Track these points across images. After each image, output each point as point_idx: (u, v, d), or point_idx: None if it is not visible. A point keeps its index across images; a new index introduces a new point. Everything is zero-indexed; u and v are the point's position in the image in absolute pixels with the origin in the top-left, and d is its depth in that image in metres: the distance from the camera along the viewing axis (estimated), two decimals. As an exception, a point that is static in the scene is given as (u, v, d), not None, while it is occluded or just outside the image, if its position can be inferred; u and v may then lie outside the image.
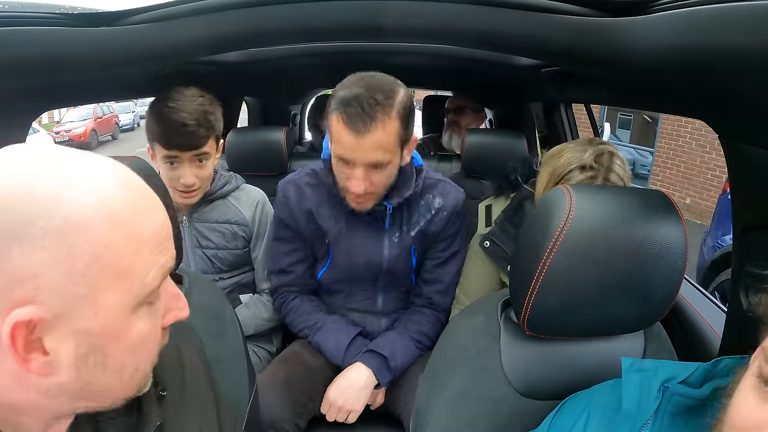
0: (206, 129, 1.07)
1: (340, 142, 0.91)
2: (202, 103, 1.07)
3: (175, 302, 0.46)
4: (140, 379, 0.44)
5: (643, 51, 0.57)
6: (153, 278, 0.40)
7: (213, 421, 0.59)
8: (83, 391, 0.40)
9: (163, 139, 1.05)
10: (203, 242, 1.22)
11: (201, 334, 0.73)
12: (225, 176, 1.26)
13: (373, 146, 0.89)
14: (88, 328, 0.37)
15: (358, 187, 0.94)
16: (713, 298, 1.14)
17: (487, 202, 1.23)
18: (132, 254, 0.38)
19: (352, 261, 1.14)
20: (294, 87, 2.33)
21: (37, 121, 9.01)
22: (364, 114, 0.86)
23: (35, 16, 0.66)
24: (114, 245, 0.37)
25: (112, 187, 0.38)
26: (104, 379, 0.40)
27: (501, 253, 1.11)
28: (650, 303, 0.62)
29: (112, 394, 0.43)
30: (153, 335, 0.43)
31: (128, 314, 0.39)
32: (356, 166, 0.93)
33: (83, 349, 0.38)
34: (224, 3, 0.74)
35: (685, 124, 6.26)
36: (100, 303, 0.37)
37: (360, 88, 0.88)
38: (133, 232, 0.38)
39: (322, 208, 1.12)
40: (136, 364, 0.43)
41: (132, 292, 0.39)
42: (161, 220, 0.42)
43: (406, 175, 1.08)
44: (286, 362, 1.15)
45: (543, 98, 1.79)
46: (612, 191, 0.63)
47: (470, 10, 0.70)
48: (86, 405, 0.42)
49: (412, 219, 1.12)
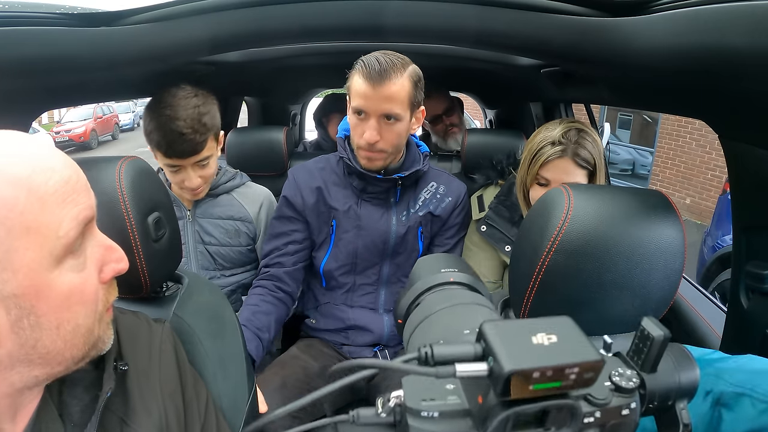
0: (203, 133, 1.06)
1: (358, 93, 1.01)
2: (195, 105, 1.06)
3: (110, 254, 0.47)
4: (84, 335, 0.45)
5: (644, 51, 0.57)
6: (67, 230, 0.41)
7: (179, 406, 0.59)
8: (31, 356, 0.41)
9: (163, 148, 1.05)
10: (206, 238, 1.21)
11: (201, 334, 0.73)
12: (230, 172, 1.26)
13: (387, 96, 1.00)
14: (11, 291, 0.38)
15: (372, 136, 1.02)
16: (713, 298, 1.14)
17: (477, 193, 1.33)
18: (37, 210, 0.39)
19: (360, 238, 1.15)
20: (294, 87, 2.33)
21: (37, 121, 9.01)
22: (380, 66, 0.98)
23: (35, 16, 0.66)
24: (17, 205, 0.38)
25: (7, 150, 0.39)
26: (45, 339, 0.41)
27: (498, 234, 1.19)
28: (649, 302, 0.61)
29: (61, 356, 0.43)
30: (85, 288, 0.44)
31: (49, 269, 0.40)
32: (370, 118, 1.02)
33: (15, 314, 0.39)
34: (224, 3, 0.74)
35: (685, 124, 6.26)
36: (17, 263, 0.38)
37: (377, 53, 1.02)
38: (34, 189, 0.39)
39: (332, 188, 1.17)
40: (75, 319, 0.43)
41: (46, 247, 0.40)
42: (65, 175, 0.42)
43: (415, 153, 1.18)
44: (284, 366, 1.14)
45: (543, 98, 1.79)
46: (610, 191, 0.63)
47: (470, 10, 0.70)
48: (44, 372, 0.43)
49: (419, 198, 1.18)
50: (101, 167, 0.65)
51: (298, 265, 1.20)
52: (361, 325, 1.19)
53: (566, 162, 0.99)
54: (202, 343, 0.72)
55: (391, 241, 1.16)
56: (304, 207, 1.17)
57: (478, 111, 3.29)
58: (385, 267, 1.20)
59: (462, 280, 0.43)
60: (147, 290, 0.70)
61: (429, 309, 0.40)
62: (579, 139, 0.98)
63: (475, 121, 5.41)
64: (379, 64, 0.98)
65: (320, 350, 1.20)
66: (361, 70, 1.00)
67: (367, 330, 1.19)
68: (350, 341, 1.21)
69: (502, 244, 1.18)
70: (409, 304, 0.42)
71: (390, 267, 1.20)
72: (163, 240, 0.72)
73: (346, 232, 1.16)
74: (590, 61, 0.73)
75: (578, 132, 0.99)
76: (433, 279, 0.43)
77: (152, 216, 0.69)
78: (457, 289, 0.42)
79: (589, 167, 0.99)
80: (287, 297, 1.18)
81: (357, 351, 1.20)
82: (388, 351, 1.22)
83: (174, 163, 1.07)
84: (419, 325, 0.39)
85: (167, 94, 1.05)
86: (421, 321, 0.39)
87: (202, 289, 0.80)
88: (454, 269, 0.44)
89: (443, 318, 0.39)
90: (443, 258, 0.47)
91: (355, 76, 1.02)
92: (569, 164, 0.98)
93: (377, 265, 1.20)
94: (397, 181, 1.12)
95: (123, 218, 0.64)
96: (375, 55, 1.00)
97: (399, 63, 1.00)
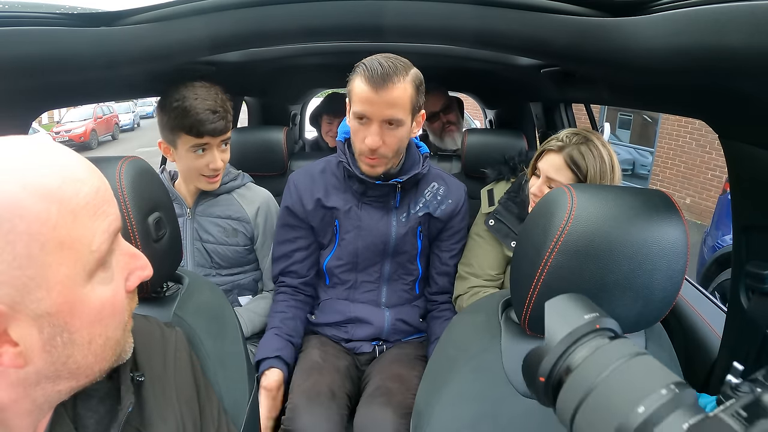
0: (228, 114, 1.15)
1: (360, 98, 0.99)
2: (217, 92, 1.14)
3: (134, 262, 0.46)
4: (113, 347, 0.44)
5: (644, 51, 0.57)
6: (99, 244, 0.40)
7: (195, 412, 0.58)
8: (61, 372, 0.40)
9: (195, 129, 1.10)
10: (203, 236, 1.22)
11: (201, 334, 0.73)
12: (232, 173, 1.28)
13: (389, 102, 0.98)
14: (46, 309, 0.37)
15: (374, 142, 1.01)
16: (713, 298, 1.14)
17: (488, 187, 1.36)
18: (70, 224, 0.38)
19: (360, 238, 1.16)
20: (294, 87, 2.33)
21: (37, 121, 9.00)
22: (383, 70, 0.96)
23: (35, 16, 0.66)
24: (49, 219, 0.36)
25: (35, 162, 0.38)
26: (77, 355, 0.40)
27: (505, 230, 1.21)
28: (651, 303, 0.61)
29: (90, 369, 0.42)
30: (115, 300, 0.43)
31: (82, 284, 0.39)
32: (372, 123, 1.01)
33: (48, 332, 0.37)
34: (224, 3, 0.74)
35: (685, 124, 6.25)
36: (51, 280, 0.37)
37: (379, 57, 1.00)
38: (65, 201, 0.38)
39: (332, 192, 1.17)
40: (105, 332, 0.42)
41: (80, 262, 0.38)
42: (94, 186, 0.41)
43: (414, 155, 1.17)
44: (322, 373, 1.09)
45: (543, 98, 1.79)
46: (613, 191, 0.62)
47: (470, 10, 0.70)
48: (69, 386, 0.42)
49: (419, 200, 1.18)
50: (101, 167, 0.64)
51: (310, 272, 1.24)
52: (362, 317, 1.20)
53: (558, 158, 1.03)
54: (202, 343, 0.73)
55: (392, 242, 1.17)
56: (306, 213, 1.18)
57: (478, 111, 3.29)
58: (386, 265, 1.21)
59: (606, 326, 0.40)
60: (147, 290, 0.70)
61: (588, 379, 0.36)
62: (579, 145, 1.01)
63: (475, 121, 5.41)
64: (381, 68, 0.96)
65: (334, 348, 1.20)
66: (363, 74, 0.98)
67: (367, 323, 1.20)
68: (350, 335, 1.21)
69: (508, 240, 1.20)
70: (556, 360, 0.39)
71: (391, 265, 1.21)
72: (164, 240, 0.72)
73: (347, 232, 1.17)
74: (590, 61, 0.73)
75: (583, 139, 1.02)
76: (578, 330, 0.40)
77: (153, 216, 0.69)
78: (606, 344, 0.38)
79: (579, 174, 1.01)
80: (308, 298, 1.25)
81: (357, 345, 1.21)
82: (386, 346, 1.23)
83: (204, 142, 1.12)
84: (584, 401, 0.36)
85: (183, 87, 1.11)
86: (586, 396, 0.36)
87: (202, 289, 0.80)
88: (593, 312, 0.41)
89: (612, 388, 0.35)
90: (575, 300, 0.44)
91: (357, 80, 1.00)
92: (560, 162, 1.03)
93: (378, 264, 1.21)
94: (397, 185, 1.12)
95: (123, 218, 0.64)
96: (377, 59, 0.98)
97: (401, 67, 0.98)
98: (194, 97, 1.09)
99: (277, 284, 1.25)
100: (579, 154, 1.00)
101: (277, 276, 1.24)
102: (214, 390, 0.69)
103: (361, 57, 1.08)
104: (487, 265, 1.23)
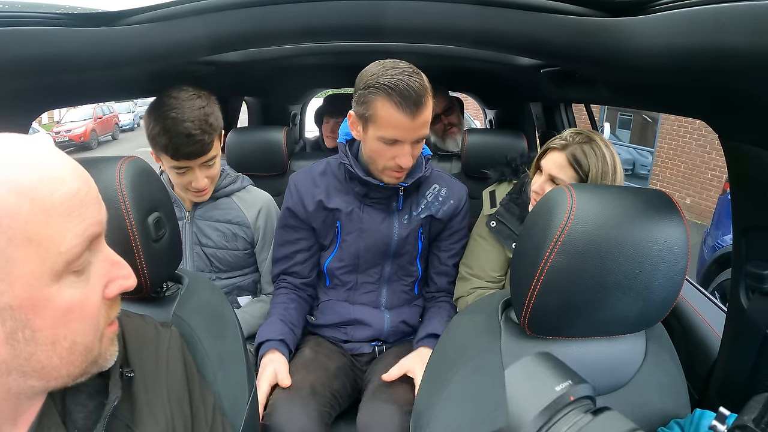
0: (210, 133, 1.06)
1: (392, 124, 0.97)
2: (201, 106, 1.06)
3: (116, 270, 0.45)
4: (82, 353, 0.43)
5: (644, 51, 0.57)
6: (70, 246, 0.39)
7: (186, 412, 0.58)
8: (26, 368, 0.40)
9: (170, 151, 1.04)
10: (203, 240, 1.21)
11: (201, 334, 0.73)
12: (232, 176, 1.26)
13: (423, 123, 0.99)
14: (7, 301, 0.37)
15: (409, 162, 1.02)
16: (713, 298, 1.14)
17: (490, 188, 1.36)
18: (41, 222, 0.38)
19: (362, 240, 1.16)
20: (294, 87, 2.33)
21: (37, 121, 9.01)
22: (417, 96, 0.94)
23: (35, 16, 0.66)
24: (20, 214, 0.36)
25: (17, 160, 0.38)
26: (40, 354, 0.40)
27: (507, 231, 1.21)
28: (651, 303, 0.61)
29: (57, 372, 0.42)
30: (86, 305, 0.42)
31: (48, 284, 0.39)
32: (405, 144, 1.01)
33: (10, 325, 0.38)
34: (224, 3, 0.74)
35: (685, 124, 6.25)
36: (14, 274, 0.37)
37: (402, 75, 0.95)
38: (39, 199, 0.38)
39: (334, 193, 1.16)
40: (72, 336, 0.42)
41: (48, 261, 0.38)
42: (74, 187, 0.40)
43: (418, 158, 1.15)
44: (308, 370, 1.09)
45: (543, 98, 1.79)
46: (613, 190, 0.62)
47: (470, 10, 0.70)
48: (41, 384, 0.42)
49: (420, 202, 1.18)
50: (101, 167, 0.65)
51: (312, 274, 1.24)
52: (361, 319, 1.20)
53: (561, 156, 1.03)
54: (202, 343, 0.73)
55: (393, 244, 1.17)
56: (308, 215, 1.17)
57: (478, 111, 3.28)
58: (387, 267, 1.21)
59: (581, 394, 0.35)
60: (147, 290, 0.70)
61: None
62: (582, 144, 1.02)
63: (475, 121, 5.41)
64: (414, 93, 0.93)
65: (329, 348, 1.20)
66: (393, 99, 0.94)
67: (367, 324, 1.20)
68: (349, 336, 1.21)
69: (510, 241, 1.20)
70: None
71: (392, 267, 1.21)
72: (164, 240, 0.72)
73: (349, 233, 1.17)
74: (590, 61, 0.73)
75: (586, 138, 1.03)
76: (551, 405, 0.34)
77: (152, 216, 0.69)
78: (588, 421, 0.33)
79: (581, 172, 1.01)
80: (308, 297, 1.25)
81: (356, 347, 1.21)
82: (386, 346, 1.23)
83: (182, 165, 1.07)
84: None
85: (170, 96, 1.04)
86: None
87: (202, 289, 0.80)
88: (564, 379, 0.36)
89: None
90: (541, 363, 0.38)
91: (386, 105, 0.95)
92: (563, 160, 1.03)
93: (379, 265, 1.21)
94: (399, 187, 1.12)
95: (123, 218, 0.64)
96: (404, 81, 0.93)
97: (426, 85, 0.96)
98: (173, 114, 1.02)
99: (278, 282, 1.24)
100: (582, 152, 1.01)
101: (278, 275, 1.24)
102: (213, 389, 0.69)
103: (361, 57, 1.08)
104: (488, 266, 1.23)
